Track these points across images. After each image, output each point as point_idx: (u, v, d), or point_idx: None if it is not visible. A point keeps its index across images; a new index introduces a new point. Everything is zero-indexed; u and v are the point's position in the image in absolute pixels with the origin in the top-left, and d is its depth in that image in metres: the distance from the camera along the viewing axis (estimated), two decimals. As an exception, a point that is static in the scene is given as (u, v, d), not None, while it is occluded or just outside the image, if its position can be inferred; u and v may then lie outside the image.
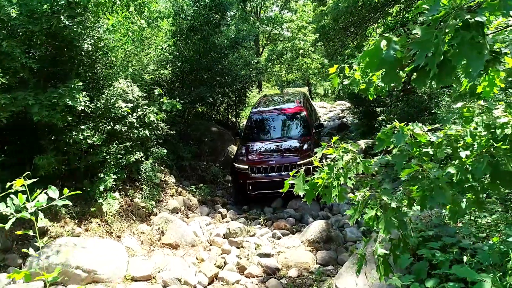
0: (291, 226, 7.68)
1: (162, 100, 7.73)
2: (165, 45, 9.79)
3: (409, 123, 2.49)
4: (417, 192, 2.21)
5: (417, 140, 2.45)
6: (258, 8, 27.30)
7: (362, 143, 11.34)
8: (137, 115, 7.30)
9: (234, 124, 16.65)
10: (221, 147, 11.14)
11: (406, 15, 14.78)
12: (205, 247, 6.88)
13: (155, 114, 7.60)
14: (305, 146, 8.74)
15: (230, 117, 16.59)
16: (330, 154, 2.62)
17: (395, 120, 2.58)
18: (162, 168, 8.51)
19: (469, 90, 2.32)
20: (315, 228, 6.82)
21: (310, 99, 12.83)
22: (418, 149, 2.39)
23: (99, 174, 6.57)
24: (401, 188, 2.62)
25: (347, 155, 2.52)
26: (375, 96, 3.64)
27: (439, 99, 10.63)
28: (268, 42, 28.23)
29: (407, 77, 2.28)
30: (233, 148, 10.79)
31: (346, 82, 3.74)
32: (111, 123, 6.94)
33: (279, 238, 7.23)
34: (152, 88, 8.38)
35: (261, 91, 23.19)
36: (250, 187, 8.40)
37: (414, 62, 1.84)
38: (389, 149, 2.49)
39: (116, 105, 6.81)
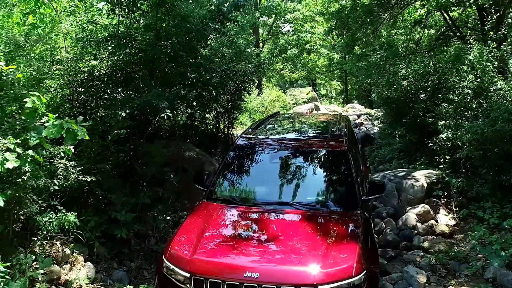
0: None
1: (44, 121, 3.32)
2: (95, 16, 5.39)
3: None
4: None
5: None
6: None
7: (423, 178, 6.91)
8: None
9: (227, 136, 12.23)
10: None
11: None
12: None
13: (17, 154, 3.21)
14: (346, 233, 3.55)
15: (221, 126, 12.15)
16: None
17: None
18: (67, 251, 4.13)
19: None
20: None
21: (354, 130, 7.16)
22: None
23: None
24: None
25: None
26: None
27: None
28: (270, 36, 23.73)
29: None
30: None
31: None
32: None
33: None
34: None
35: (261, 93, 18.74)
36: None
37: None
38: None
39: None
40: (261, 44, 22.57)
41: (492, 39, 9.03)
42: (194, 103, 6.17)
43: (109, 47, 4.91)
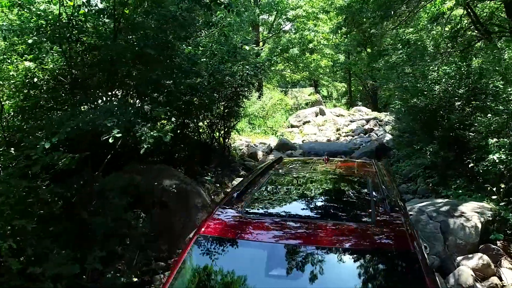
0: None
1: None
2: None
3: None
4: None
5: None
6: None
7: (475, 215, 5.19)
8: None
9: (223, 147, 10.55)
10: (180, 226, 5.03)
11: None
12: None
13: None
14: None
15: (216, 135, 10.44)
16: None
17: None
18: None
19: None
20: None
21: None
22: None
23: None
24: None
25: None
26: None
27: None
28: (270, 35, 21.97)
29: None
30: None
31: None
32: None
33: None
34: None
35: (261, 96, 16.99)
36: None
37: None
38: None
39: None
40: (261, 43, 20.84)
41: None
42: (173, 119, 4.46)
43: (30, 40, 3.22)
